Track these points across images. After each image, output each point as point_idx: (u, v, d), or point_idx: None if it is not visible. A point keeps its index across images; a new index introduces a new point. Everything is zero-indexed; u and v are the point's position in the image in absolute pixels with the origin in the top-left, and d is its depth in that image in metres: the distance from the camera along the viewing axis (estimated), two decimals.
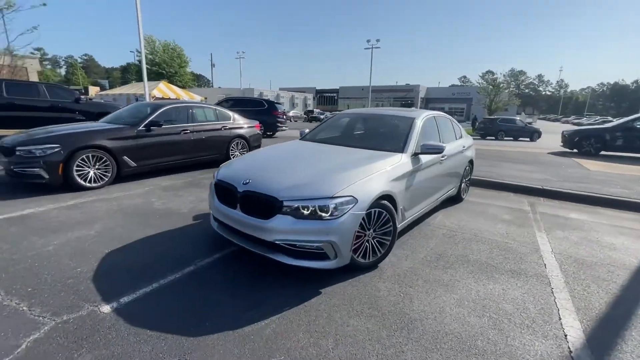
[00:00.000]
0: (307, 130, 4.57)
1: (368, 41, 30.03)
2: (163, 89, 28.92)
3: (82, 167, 4.79)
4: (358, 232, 2.68)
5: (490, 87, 39.64)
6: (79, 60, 77.20)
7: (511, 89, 39.92)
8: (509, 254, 3.36)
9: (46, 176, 4.48)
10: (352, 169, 2.88)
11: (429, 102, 55.63)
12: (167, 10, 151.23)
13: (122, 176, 5.35)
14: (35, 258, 2.82)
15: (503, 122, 22.52)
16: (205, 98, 30.20)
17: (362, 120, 4.52)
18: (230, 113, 7.50)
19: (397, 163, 3.17)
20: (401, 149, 3.43)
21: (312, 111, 38.55)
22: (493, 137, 21.78)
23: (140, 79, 37.74)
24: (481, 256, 3.29)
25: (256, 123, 8.04)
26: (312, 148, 3.75)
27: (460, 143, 4.81)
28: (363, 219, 2.69)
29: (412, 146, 3.49)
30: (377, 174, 2.87)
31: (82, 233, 3.36)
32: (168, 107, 6.14)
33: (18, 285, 2.41)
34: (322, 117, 32.00)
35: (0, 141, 4.78)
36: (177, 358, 1.80)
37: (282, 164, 3.20)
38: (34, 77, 36.49)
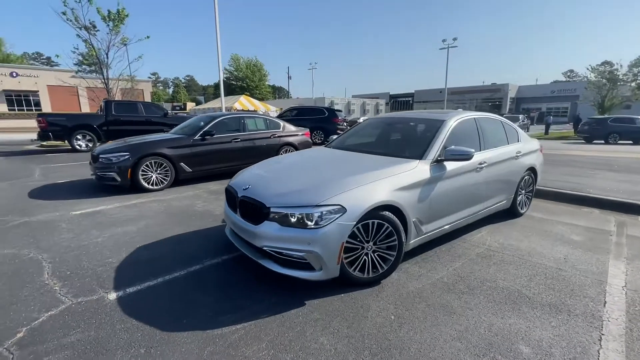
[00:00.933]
0: (334, 137, 4.49)
1: (444, 40, 27.96)
2: (244, 102, 31.98)
3: (146, 172, 5.59)
4: (352, 244, 2.51)
5: (604, 80, 32.93)
6: (183, 80, 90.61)
7: (639, 80, 31.90)
8: (555, 284, 2.71)
9: (118, 179, 5.36)
10: (351, 176, 2.71)
11: (521, 102, 49.15)
12: (249, 29, 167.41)
13: (180, 180, 6.06)
14: (86, 247, 3.37)
15: (616, 122, 18.48)
16: (281, 109, 32.28)
17: (391, 125, 4.23)
18: (281, 122, 7.85)
19: (409, 171, 2.87)
20: (420, 156, 3.10)
21: None
22: (602, 141, 18.06)
23: (227, 94, 42.01)
24: (515, 283, 2.73)
25: (306, 131, 8.23)
26: (327, 155, 3.66)
27: (512, 148, 4.11)
28: (358, 230, 2.51)
29: (434, 152, 3.12)
30: (377, 183, 2.65)
31: (128, 229, 3.91)
32: (221, 118, 6.74)
33: (63, 268, 2.91)
34: None
35: (92, 150, 5.90)
36: (144, 349, 1.94)
37: (287, 171, 3.20)
38: (147, 97, 44.34)
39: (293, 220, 2.41)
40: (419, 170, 2.93)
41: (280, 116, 14.90)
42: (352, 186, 2.55)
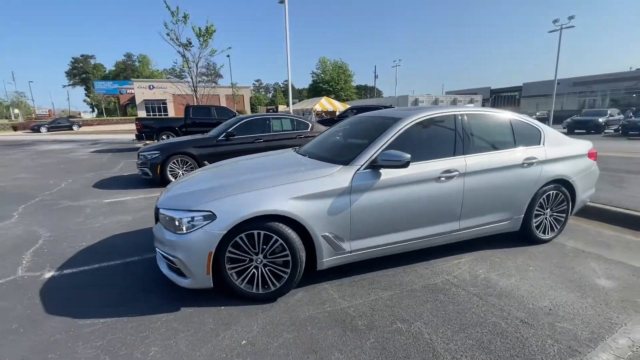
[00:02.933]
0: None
1: (555, 21, 22.69)
2: (324, 104, 32.95)
3: (173, 168, 6.30)
4: (235, 254, 2.33)
5: None
6: (281, 85, 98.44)
7: None
8: (493, 343, 1.97)
9: (150, 174, 6.19)
10: (247, 182, 2.51)
11: None
12: (342, 29, 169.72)
13: None
14: (80, 231, 4.01)
15: None
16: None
17: (353, 125, 3.71)
18: (310, 123, 7.79)
19: (320, 177, 2.50)
20: (347, 161, 2.66)
21: None
22: None
23: (314, 96, 43.39)
24: (434, 331, 2.08)
25: None
26: (269, 160, 3.44)
27: (518, 155, 3.13)
28: (242, 240, 2.32)
29: (365, 157, 2.63)
30: (271, 189, 2.39)
31: (125, 218, 4.48)
32: (246, 119, 7.10)
33: (46, 246, 3.53)
34: None
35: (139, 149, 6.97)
36: (16, 325, 2.19)
37: (211, 174, 3.11)
38: (247, 102, 49.96)
39: (175, 223, 2.37)
40: (335, 177, 2.51)
41: (340, 116, 14.84)
42: (236, 192, 2.37)
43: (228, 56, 44.34)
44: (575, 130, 20.63)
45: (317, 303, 2.43)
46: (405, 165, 2.50)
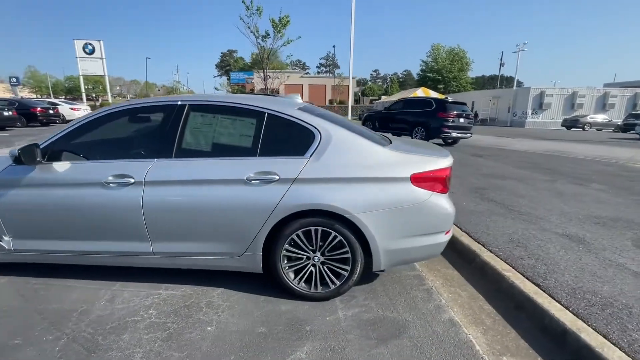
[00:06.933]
0: None
1: None
2: (419, 94, 30.26)
3: None
4: None
5: None
6: (400, 75, 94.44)
7: None
8: None
9: None
10: None
11: None
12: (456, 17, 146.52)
13: None
14: None
15: None
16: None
17: None
18: None
19: None
20: None
21: (637, 115, 24.40)
22: None
23: (419, 86, 40.44)
24: None
25: None
26: None
27: (240, 168, 2.17)
28: None
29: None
30: None
31: None
32: None
33: None
34: None
35: None
36: None
37: None
38: (351, 92, 50.30)
39: None
40: None
41: (387, 109, 13.39)
42: None
43: (334, 46, 45.34)
44: None
45: None
46: (15, 162, 2.13)
